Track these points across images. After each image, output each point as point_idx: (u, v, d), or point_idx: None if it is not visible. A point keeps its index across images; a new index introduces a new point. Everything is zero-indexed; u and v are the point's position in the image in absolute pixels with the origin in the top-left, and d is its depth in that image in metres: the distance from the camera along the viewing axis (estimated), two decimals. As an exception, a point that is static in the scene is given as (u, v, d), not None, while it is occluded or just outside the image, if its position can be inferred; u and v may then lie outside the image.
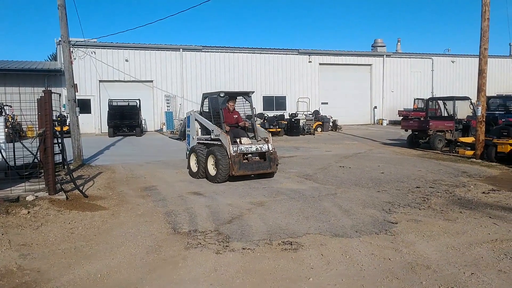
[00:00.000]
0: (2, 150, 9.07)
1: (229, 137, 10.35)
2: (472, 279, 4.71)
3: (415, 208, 7.83)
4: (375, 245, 5.84)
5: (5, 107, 11.14)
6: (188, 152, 11.79)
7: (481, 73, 14.38)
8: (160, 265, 5.21)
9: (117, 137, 25.22)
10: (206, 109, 11.86)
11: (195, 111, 12.06)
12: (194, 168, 11.15)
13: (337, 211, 7.67)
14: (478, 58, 14.66)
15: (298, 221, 7.06)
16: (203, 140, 11.48)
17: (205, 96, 12.09)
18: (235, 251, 5.63)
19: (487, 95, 15.23)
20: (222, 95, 10.71)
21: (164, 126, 29.16)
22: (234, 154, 10.07)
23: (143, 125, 29.11)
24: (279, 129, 25.91)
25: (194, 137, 11.81)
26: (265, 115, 27.57)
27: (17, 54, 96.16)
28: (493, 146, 13.57)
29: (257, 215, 7.44)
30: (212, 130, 10.80)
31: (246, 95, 11.45)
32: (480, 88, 14.41)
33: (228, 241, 6.03)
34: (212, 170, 10.45)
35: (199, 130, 11.83)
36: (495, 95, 31.23)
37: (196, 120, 11.76)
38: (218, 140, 10.64)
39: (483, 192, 9.10)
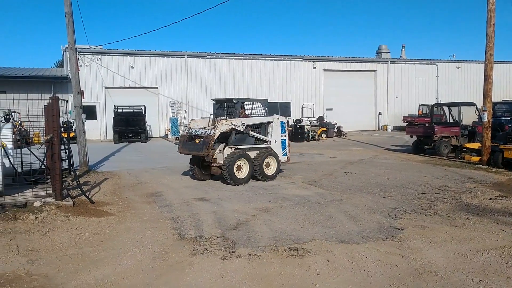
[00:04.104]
0: (10, 156, 9.13)
1: None
2: (480, 286, 4.68)
3: (421, 214, 7.80)
4: (381, 251, 5.83)
5: (12, 113, 11.20)
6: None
7: (487, 78, 14.36)
8: (167, 271, 5.22)
9: (122, 143, 25.32)
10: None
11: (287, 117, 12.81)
12: None
13: (343, 217, 7.66)
14: (483, 64, 14.64)
15: (304, 227, 7.05)
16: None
17: (219, 101, 12.64)
18: (241, 257, 5.63)
19: (493, 101, 15.18)
20: (235, 101, 11.68)
21: (169, 132, 29.25)
22: None
23: (148, 131, 29.21)
24: None
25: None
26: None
27: (24, 61, 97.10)
28: (499, 152, 13.51)
29: (263, 221, 7.45)
30: None
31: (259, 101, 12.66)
32: (486, 94, 14.38)
33: (234, 247, 6.03)
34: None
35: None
36: (501, 101, 31.13)
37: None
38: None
39: (490, 198, 9.05)
